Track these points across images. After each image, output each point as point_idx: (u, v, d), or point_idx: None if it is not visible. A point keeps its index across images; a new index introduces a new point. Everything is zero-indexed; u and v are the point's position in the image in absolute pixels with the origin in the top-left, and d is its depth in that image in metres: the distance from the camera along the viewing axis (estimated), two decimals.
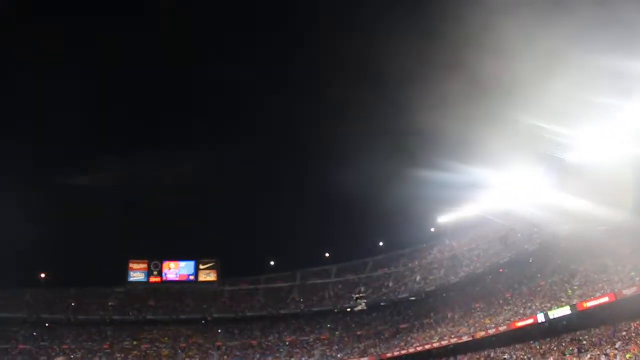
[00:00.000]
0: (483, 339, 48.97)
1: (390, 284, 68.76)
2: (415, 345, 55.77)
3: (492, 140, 41.16)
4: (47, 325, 66.74)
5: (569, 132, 38.15)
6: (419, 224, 66.30)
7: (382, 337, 63.08)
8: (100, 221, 73.57)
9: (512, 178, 49.00)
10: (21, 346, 63.43)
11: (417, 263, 68.34)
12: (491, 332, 48.20)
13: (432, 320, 59.45)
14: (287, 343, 66.73)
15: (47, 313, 67.41)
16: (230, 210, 78.35)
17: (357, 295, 63.39)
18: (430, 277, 64.19)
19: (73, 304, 69.51)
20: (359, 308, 64.22)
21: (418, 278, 65.96)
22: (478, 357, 49.13)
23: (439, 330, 55.93)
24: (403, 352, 56.50)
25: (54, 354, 62.69)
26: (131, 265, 73.25)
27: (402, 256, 71.08)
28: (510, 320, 47.05)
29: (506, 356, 45.32)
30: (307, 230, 72.88)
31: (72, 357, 62.63)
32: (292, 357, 63.81)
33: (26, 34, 61.97)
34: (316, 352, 63.93)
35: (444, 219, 62.91)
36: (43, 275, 69.01)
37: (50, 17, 65.20)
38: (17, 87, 65.77)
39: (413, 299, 64.91)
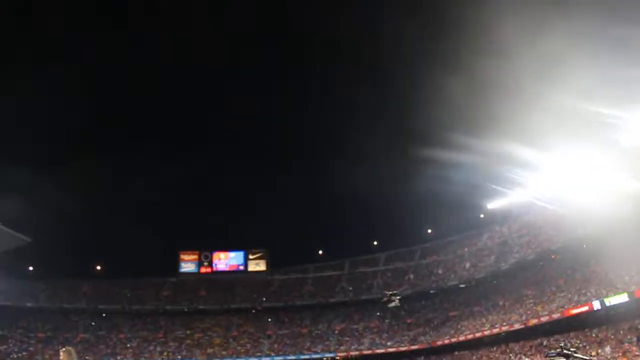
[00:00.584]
0: (535, 326, 47.98)
1: (439, 271, 68.00)
2: (465, 333, 55.09)
3: (542, 123, 39.90)
4: (104, 315, 69.18)
5: (622, 113, 36.66)
6: (467, 211, 65.02)
7: (432, 324, 62.53)
8: (152, 213, 75.51)
9: (563, 161, 47.43)
10: (81, 335, 65.93)
11: (466, 250, 67.25)
12: (544, 319, 47.17)
13: (482, 308, 58.45)
14: (337, 331, 66.95)
15: (103, 303, 69.88)
16: (279, 200, 78.80)
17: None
18: (480, 264, 63.09)
19: (128, 295, 71.70)
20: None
21: (467, 265, 64.97)
22: (530, 344, 48.17)
23: (490, 317, 54.99)
24: (453, 339, 55.92)
25: (111, 342, 64.89)
26: (182, 256, 74.89)
27: (450, 243, 70.11)
28: (563, 307, 45.90)
29: (561, 344, 44.14)
30: (355, 218, 72.63)
31: (128, 345, 64.64)
32: (341, 345, 63.99)
33: None
34: (365, 340, 63.92)
35: (493, 204, 61.53)
36: (99, 267, 71.44)
37: None
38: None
39: (462, 286, 64.00)
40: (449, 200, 61.18)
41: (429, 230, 70.90)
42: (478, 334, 53.31)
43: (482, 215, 66.49)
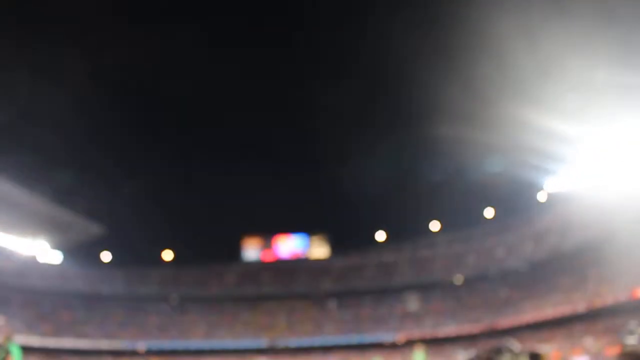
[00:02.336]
0: (601, 308, 47.23)
1: (500, 253, 67.55)
2: (527, 315, 54.77)
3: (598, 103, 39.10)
4: (174, 300, 72.67)
5: None
6: (528, 191, 64.07)
7: (493, 306, 62.35)
8: (216, 200, 78.18)
9: (627, 136, 45.99)
10: (154, 319, 69.61)
11: (527, 231, 66.35)
12: (609, 301, 46.37)
13: (544, 289, 57.77)
14: (399, 314, 67.84)
15: (173, 289, 73.28)
16: (339, 184, 79.68)
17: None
18: (541, 245, 62.23)
19: (195, 281, 74.85)
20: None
21: (529, 246, 64.25)
22: (596, 326, 47.52)
23: (552, 299, 54.41)
24: (515, 321, 55.64)
25: (181, 327, 68.20)
26: (245, 242, 77.28)
27: (511, 224, 69.22)
28: (631, 288, 44.96)
29: (631, 327, 43.43)
30: (414, 201, 72.67)
31: (197, 329, 67.73)
32: (403, 327, 64.85)
33: None
34: (427, 322, 64.52)
35: (555, 185, 60.43)
36: (168, 255, 74.85)
37: None
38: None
39: (524, 267, 63.38)
40: (509, 180, 60.65)
41: (489, 212, 70.15)
42: (540, 316, 52.94)
43: (543, 196, 65.33)
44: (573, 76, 42.11)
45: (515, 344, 14.45)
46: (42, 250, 68.06)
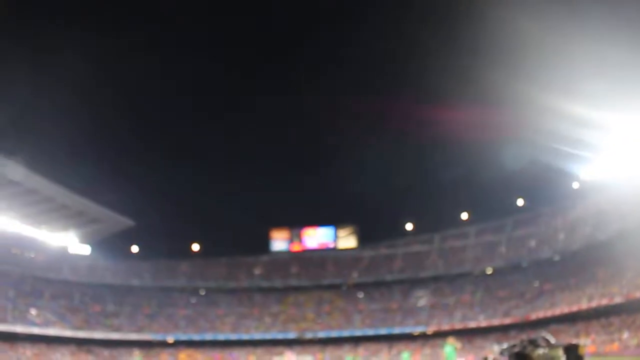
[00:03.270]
0: (638, 300, 45.69)
1: (532, 244, 66.06)
2: (561, 306, 53.35)
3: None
4: (202, 292, 72.93)
5: None
6: (560, 180, 62.42)
7: (525, 298, 61.02)
8: (244, 192, 78.29)
9: None
10: (182, 311, 69.94)
11: (560, 220, 64.72)
12: None
13: (579, 280, 56.18)
14: (428, 305, 66.96)
15: (201, 281, 73.61)
16: (366, 175, 78.99)
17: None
18: (576, 235, 60.52)
19: (224, 273, 75.02)
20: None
21: (562, 236, 62.63)
22: (633, 319, 46.03)
23: (587, 290, 52.85)
24: (549, 313, 54.30)
25: (210, 318, 68.42)
26: (273, 234, 77.08)
27: (543, 214, 67.65)
28: None
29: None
30: (443, 192, 71.57)
31: (226, 321, 67.88)
32: (433, 319, 63.97)
33: None
34: (457, 314, 63.53)
35: (588, 173, 58.67)
36: (196, 247, 75.15)
37: None
38: None
39: (557, 258, 61.82)
40: (540, 169, 59.15)
41: (520, 202, 68.67)
42: (575, 308, 51.45)
43: (576, 184, 63.60)
44: (608, 64, 40.73)
45: (550, 336, 13.69)
46: (72, 244, 68.91)
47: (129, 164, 78.54)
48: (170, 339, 64.98)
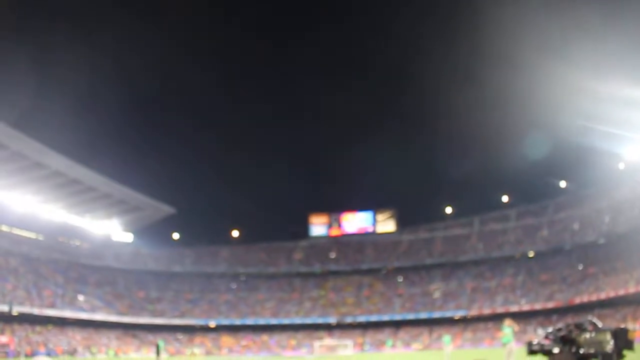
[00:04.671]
0: None
1: (576, 226, 64.56)
2: (607, 290, 52.10)
3: None
4: (242, 278, 73.83)
5: None
6: (604, 161, 60.63)
7: (568, 282, 59.80)
8: (283, 178, 78.86)
9: None
10: (224, 296, 70.97)
11: (605, 202, 63.04)
12: None
13: (625, 264, 54.50)
14: (468, 289, 66.32)
15: (242, 267, 74.49)
16: (404, 158, 78.41)
17: None
18: (621, 218, 58.88)
19: (263, 258, 75.74)
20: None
21: (607, 219, 61.03)
22: None
23: (635, 274, 51.32)
24: (593, 297, 53.14)
25: (251, 303, 69.25)
26: (312, 219, 77.31)
27: (586, 196, 66.03)
28: None
29: None
30: (483, 174, 70.50)
31: (266, 306, 68.62)
32: (474, 303, 63.37)
33: None
34: (498, 297, 62.77)
35: (634, 152, 56.79)
36: (236, 233, 76.02)
37: None
38: None
39: (602, 241, 60.19)
40: (583, 150, 57.55)
41: (563, 183, 67.11)
42: (622, 292, 50.15)
43: (621, 165, 61.68)
44: None
45: (597, 320, 13.35)
46: (115, 232, 70.53)
47: (171, 153, 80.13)
48: (212, 324, 66.10)
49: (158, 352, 22.61)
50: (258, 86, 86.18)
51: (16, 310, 49.42)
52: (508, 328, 17.74)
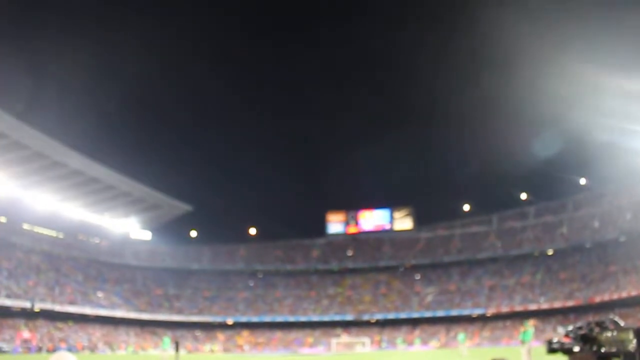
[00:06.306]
0: None
1: (596, 224, 63.72)
2: (628, 289, 51.41)
3: None
4: (260, 275, 74.08)
5: None
6: (625, 158, 59.79)
7: (588, 280, 59.11)
8: (300, 176, 78.99)
9: None
10: (242, 294, 71.26)
11: (626, 200, 62.10)
12: None
13: None
14: (486, 287, 65.88)
15: (259, 265, 74.73)
16: (422, 156, 78.12)
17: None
18: None
19: (281, 256, 75.91)
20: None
21: (628, 216, 60.16)
22: None
23: None
24: (614, 296, 52.46)
25: (268, 300, 69.46)
26: (329, 217, 77.35)
27: (606, 193, 65.12)
28: None
29: None
30: (500, 171, 69.90)
31: (284, 303, 68.78)
32: (492, 300, 62.95)
33: None
34: (517, 296, 62.26)
35: None
36: (253, 231, 76.25)
37: None
38: None
39: (623, 239, 59.39)
40: (603, 147, 56.81)
41: (582, 181, 66.28)
42: None
43: None
44: None
45: (619, 319, 13.16)
46: (133, 230, 71.15)
47: (188, 151, 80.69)
48: (229, 321, 66.44)
49: (177, 349, 22.77)
50: (275, 85, 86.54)
51: (38, 306, 50.16)
52: (527, 332, 17.72)
